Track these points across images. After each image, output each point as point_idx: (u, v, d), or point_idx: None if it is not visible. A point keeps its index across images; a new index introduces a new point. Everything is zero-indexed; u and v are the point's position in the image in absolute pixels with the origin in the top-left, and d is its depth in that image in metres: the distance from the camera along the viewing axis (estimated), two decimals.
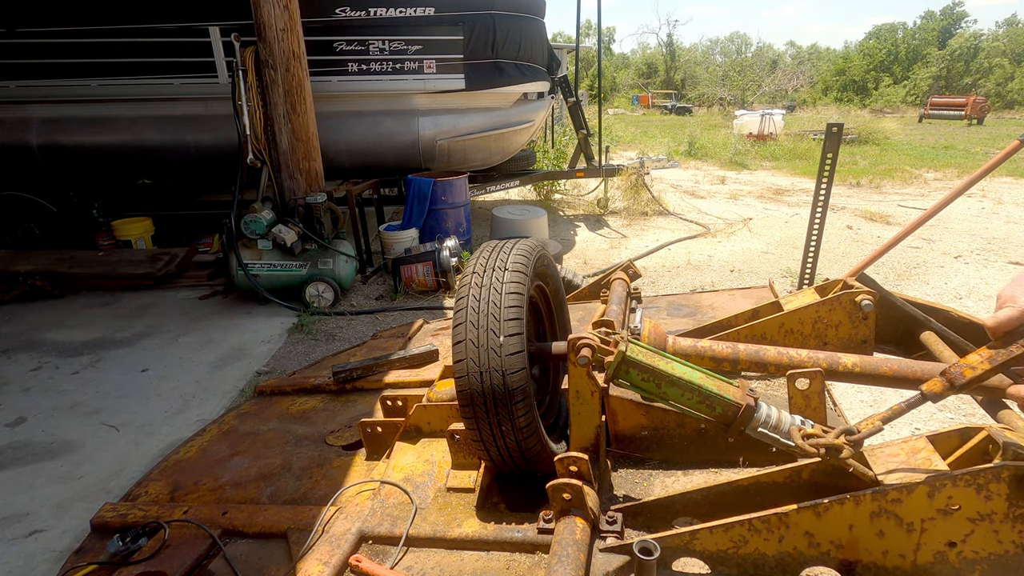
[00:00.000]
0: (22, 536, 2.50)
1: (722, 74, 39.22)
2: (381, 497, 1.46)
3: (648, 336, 1.76)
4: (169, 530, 1.45)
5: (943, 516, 0.99)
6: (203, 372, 3.99)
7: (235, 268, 5.07)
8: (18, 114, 6.19)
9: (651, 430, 1.49)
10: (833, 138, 3.75)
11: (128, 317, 5.01)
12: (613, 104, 37.13)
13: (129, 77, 5.98)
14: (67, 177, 6.54)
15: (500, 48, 6.45)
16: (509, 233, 6.44)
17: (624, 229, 7.73)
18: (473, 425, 1.32)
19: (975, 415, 3.01)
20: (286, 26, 4.96)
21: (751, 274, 5.69)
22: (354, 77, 6.15)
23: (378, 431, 1.74)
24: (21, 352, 4.38)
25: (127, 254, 6.03)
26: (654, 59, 47.92)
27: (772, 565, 1.09)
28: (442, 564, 1.25)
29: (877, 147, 16.36)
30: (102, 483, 2.84)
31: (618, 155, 12.16)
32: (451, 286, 5.29)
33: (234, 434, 2.07)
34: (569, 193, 9.90)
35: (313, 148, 5.43)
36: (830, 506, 1.03)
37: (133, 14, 5.88)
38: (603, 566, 1.15)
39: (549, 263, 1.66)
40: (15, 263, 5.61)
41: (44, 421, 3.43)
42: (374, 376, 2.26)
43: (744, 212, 8.40)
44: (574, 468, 1.24)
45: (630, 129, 20.87)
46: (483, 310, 1.31)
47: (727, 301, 2.58)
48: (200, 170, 6.43)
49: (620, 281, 2.36)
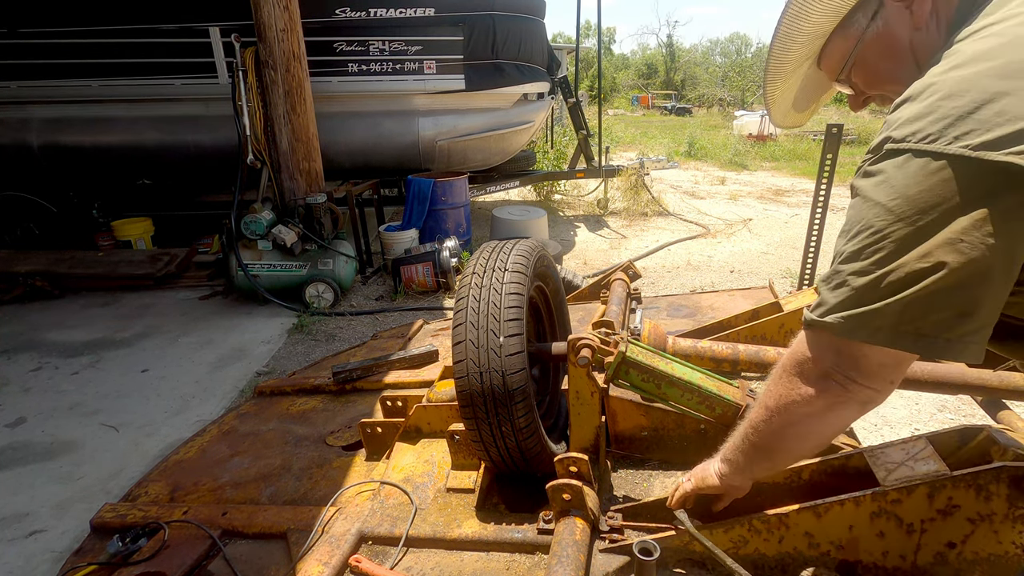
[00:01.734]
0: (22, 536, 2.50)
1: (722, 75, 39.21)
2: (381, 497, 1.46)
3: (648, 337, 1.76)
4: (169, 530, 1.45)
5: (943, 517, 0.99)
6: (203, 372, 3.99)
7: (235, 268, 5.07)
8: (18, 114, 6.18)
9: (651, 430, 1.49)
10: (833, 139, 3.76)
11: (128, 317, 5.01)
12: (613, 105, 37.13)
13: (129, 77, 5.98)
14: (67, 177, 6.54)
15: (500, 49, 6.45)
16: (509, 233, 6.44)
17: (624, 230, 7.73)
18: (473, 425, 1.32)
19: (975, 416, 3.01)
20: (286, 26, 4.97)
21: (751, 275, 5.69)
22: (354, 78, 6.15)
23: (378, 431, 1.74)
24: (21, 352, 4.38)
25: (127, 254, 6.03)
26: (654, 60, 47.93)
27: (772, 565, 1.09)
28: (442, 564, 1.25)
29: None
30: (102, 483, 2.84)
31: (618, 156, 12.16)
32: (451, 286, 5.29)
33: (234, 434, 2.07)
34: (569, 194, 9.90)
35: (313, 148, 5.43)
36: (830, 506, 1.03)
37: (133, 14, 5.88)
38: (603, 567, 1.15)
39: (549, 263, 1.66)
40: (15, 263, 5.61)
41: (44, 421, 3.43)
42: (374, 376, 2.26)
43: (744, 213, 8.40)
44: (574, 468, 1.24)
45: (630, 130, 20.86)
46: (483, 310, 1.32)
47: (727, 301, 2.58)
48: (200, 170, 6.42)
49: (620, 282, 2.37)
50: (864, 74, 0.95)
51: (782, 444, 0.95)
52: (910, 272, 0.71)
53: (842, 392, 0.83)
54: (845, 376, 0.82)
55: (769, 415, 0.94)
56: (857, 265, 0.76)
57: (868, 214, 0.75)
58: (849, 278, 0.77)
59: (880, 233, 0.73)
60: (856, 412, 0.86)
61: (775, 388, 0.92)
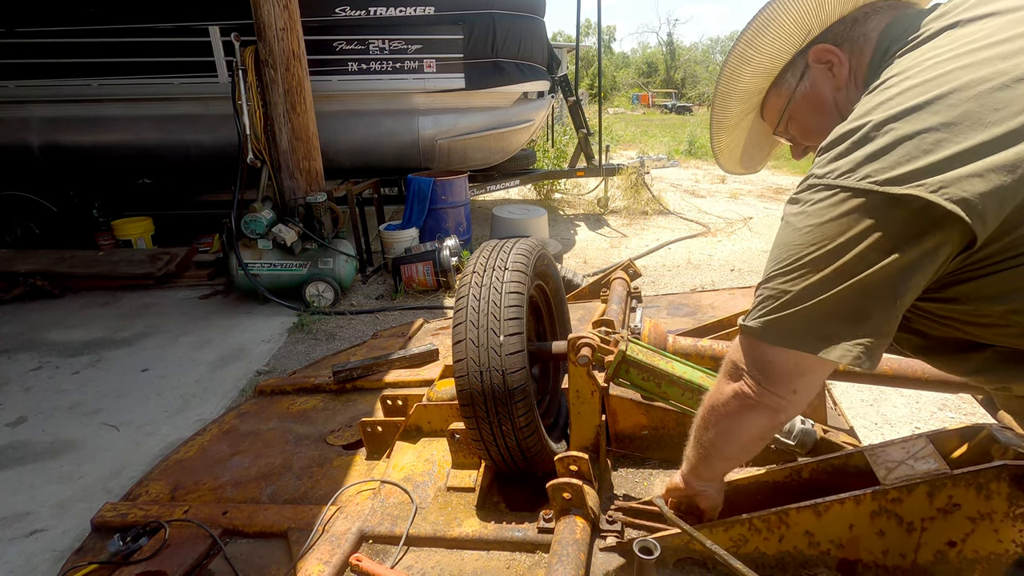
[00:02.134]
0: (22, 536, 2.50)
1: None
2: (381, 496, 1.46)
3: (648, 335, 1.76)
4: (169, 530, 1.45)
5: (943, 515, 0.99)
6: (203, 372, 3.99)
7: (235, 268, 5.06)
8: (18, 114, 6.18)
9: (651, 429, 1.49)
10: None
11: (128, 317, 5.01)
12: (613, 103, 37.09)
13: (129, 77, 5.97)
14: (67, 177, 6.53)
15: (500, 47, 6.44)
16: (509, 232, 6.44)
17: (624, 228, 7.72)
18: (473, 424, 1.32)
19: (975, 414, 3.01)
20: (286, 25, 4.96)
21: (751, 273, 5.68)
22: (354, 76, 6.13)
23: (378, 430, 1.75)
24: (21, 352, 4.38)
25: (127, 254, 6.02)
26: (654, 58, 47.89)
27: (772, 564, 1.10)
28: (442, 563, 1.26)
29: None
30: (102, 483, 2.84)
31: (618, 154, 12.15)
32: (451, 286, 5.29)
33: (234, 434, 2.08)
34: (569, 192, 9.89)
35: (313, 148, 5.43)
36: (830, 505, 1.03)
37: (133, 14, 5.88)
38: (603, 565, 1.15)
39: (549, 262, 1.66)
40: (15, 263, 5.60)
41: (44, 421, 3.43)
42: (374, 376, 2.26)
43: (744, 211, 8.39)
44: (574, 467, 1.24)
45: (630, 128, 20.84)
46: (483, 309, 1.32)
47: (727, 300, 2.59)
48: (200, 170, 6.41)
49: (620, 280, 2.37)
50: (798, 127, 1.05)
51: (714, 442, 1.02)
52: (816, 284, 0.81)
53: (753, 395, 0.91)
54: (756, 378, 0.90)
55: (704, 413, 1.03)
56: (777, 279, 0.85)
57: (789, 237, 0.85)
58: (768, 289, 0.87)
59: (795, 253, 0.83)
60: (767, 419, 0.94)
61: (713, 388, 1.02)
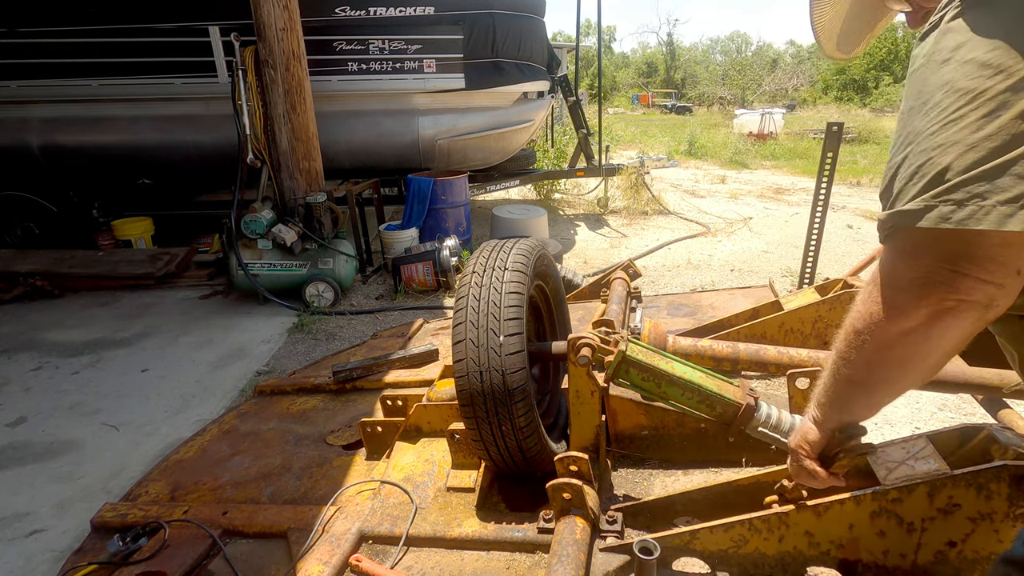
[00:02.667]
0: (22, 536, 2.50)
1: (722, 73, 39.21)
2: (381, 497, 1.46)
3: (648, 335, 1.76)
4: (169, 530, 1.45)
5: (943, 516, 0.99)
6: (203, 372, 3.99)
7: (235, 268, 5.06)
8: (18, 114, 6.18)
9: (651, 430, 1.49)
10: (833, 137, 3.75)
11: (128, 317, 5.01)
12: (613, 103, 37.11)
13: (129, 77, 5.97)
14: (67, 177, 6.53)
15: (500, 47, 6.45)
16: (509, 232, 6.44)
17: (624, 228, 7.72)
18: (473, 425, 1.32)
19: (975, 414, 3.01)
20: (286, 26, 4.96)
21: (751, 273, 5.68)
22: (354, 77, 6.14)
23: (378, 431, 1.74)
24: (21, 352, 4.38)
25: (127, 254, 6.02)
26: (654, 58, 47.92)
27: (772, 564, 1.09)
28: (442, 564, 1.25)
29: (877, 146, 16.35)
30: (102, 483, 2.84)
31: (618, 154, 12.15)
32: (451, 286, 5.28)
33: (234, 434, 2.08)
34: (569, 192, 9.89)
35: (313, 148, 5.43)
36: (830, 506, 1.03)
37: (133, 14, 5.88)
38: (603, 566, 1.15)
39: (549, 262, 1.66)
40: (15, 263, 5.60)
41: (44, 421, 3.43)
42: (374, 376, 2.26)
43: (744, 211, 8.39)
44: (574, 468, 1.24)
45: (630, 128, 20.85)
46: (483, 310, 1.31)
47: (727, 300, 2.59)
48: (200, 170, 6.42)
49: (620, 280, 2.37)
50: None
51: (879, 374, 0.79)
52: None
53: (950, 294, 0.67)
54: (952, 271, 0.66)
55: (860, 341, 0.79)
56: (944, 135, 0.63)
57: (954, 74, 0.63)
58: (935, 154, 0.64)
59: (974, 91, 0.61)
60: (973, 320, 0.69)
61: (863, 307, 0.78)
